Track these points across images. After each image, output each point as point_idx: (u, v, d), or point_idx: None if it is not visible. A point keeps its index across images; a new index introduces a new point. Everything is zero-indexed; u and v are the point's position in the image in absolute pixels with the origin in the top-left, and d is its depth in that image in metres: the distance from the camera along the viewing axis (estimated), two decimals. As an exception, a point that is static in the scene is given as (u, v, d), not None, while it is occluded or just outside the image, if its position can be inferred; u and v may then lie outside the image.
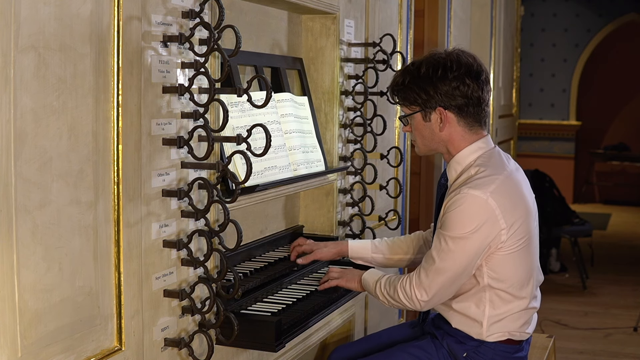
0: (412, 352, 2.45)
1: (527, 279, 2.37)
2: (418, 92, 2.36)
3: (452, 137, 2.38)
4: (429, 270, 2.30)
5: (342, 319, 3.07)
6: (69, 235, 1.64)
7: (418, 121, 2.41)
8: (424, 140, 2.44)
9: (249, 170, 1.91)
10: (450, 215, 2.27)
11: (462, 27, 5.35)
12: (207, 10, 2.04)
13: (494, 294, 2.35)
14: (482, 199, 2.23)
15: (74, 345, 1.67)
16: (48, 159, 1.58)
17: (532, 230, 2.37)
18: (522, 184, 2.38)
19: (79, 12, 1.64)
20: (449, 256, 2.27)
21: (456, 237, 2.25)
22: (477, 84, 2.34)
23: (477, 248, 2.26)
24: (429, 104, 2.36)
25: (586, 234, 7.20)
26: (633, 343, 5.37)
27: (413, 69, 2.38)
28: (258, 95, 2.46)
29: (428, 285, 2.30)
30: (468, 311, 2.38)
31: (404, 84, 2.39)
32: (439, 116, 2.36)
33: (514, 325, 2.38)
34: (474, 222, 2.24)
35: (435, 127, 2.38)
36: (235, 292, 2.01)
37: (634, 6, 10.73)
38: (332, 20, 2.93)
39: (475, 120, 2.37)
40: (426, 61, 2.37)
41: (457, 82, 2.32)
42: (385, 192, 3.28)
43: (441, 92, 2.33)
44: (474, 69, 2.34)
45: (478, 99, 2.35)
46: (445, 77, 2.32)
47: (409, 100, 2.40)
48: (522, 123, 10.04)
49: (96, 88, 1.70)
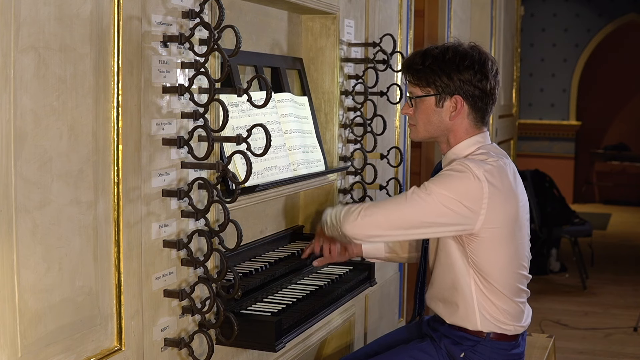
0: (413, 355, 2.45)
1: (512, 274, 2.38)
2: (440, 75, 2.35)
3: (457, 127, 2.39)
4: (385, 202, 2.33)
5: (342, 319, 3.07)
6: (69, 235, 1.64)
7: (428, 105, 2.40)
8: (427, 125, 2.42)
9: (249, 170, 1.91)
10: (445, 174, 2.29)
11: (462, 27, 5.35)
12: (207, 10, 2.04)
13: (478, 280, 2.35)
14: (478, 178, 2.25)
15: (74, 345, 1.67)
16: (48, 159, 1.58)
17: (519, 222, 2.37)
18: (516, 175, 2.41)
19: (79, 12, 1.64)
20: (415, 202, 2.27)
21: (440, 190, 2.25)
22: (495, 81, 2.38)
23: (444, 217, 2.26)
24: (448, 90, 2.35)
25: (586, 234, 7.20)
26: (633, 343, 5.37)
27: (437, 52, 2.37)
28: (258, 95, 2.46)
29: (372, 214, 2.30)
30: (456, 299, 2.38)
31: (424, 64, 2.37)
32: (453, 104, 2.37)
33: (506, 316, 2.39)
34: (461, 193, 2.25)
35: (445, 114, 2.38)
36: (235, 292, 2.02)
37: (634, 6, 10.74)
38: (332, 20, 2.93)
39: (483, 115, 2.40)
40: (452, 48, 2.37)
41: (480, 75, 2.34)
42: (385, 192, 3.28)
43: (463, 80, 2.34)
44: (495, 66, 2.39)
45: (492, 96, 2.39)
46: (471, 67, 2.34)
47: (426, 81, 2.38)
48: (522, 123, 10.05)
49: (96, 88, 1.70)
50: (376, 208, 2.32)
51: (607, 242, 8.69)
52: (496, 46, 6.05)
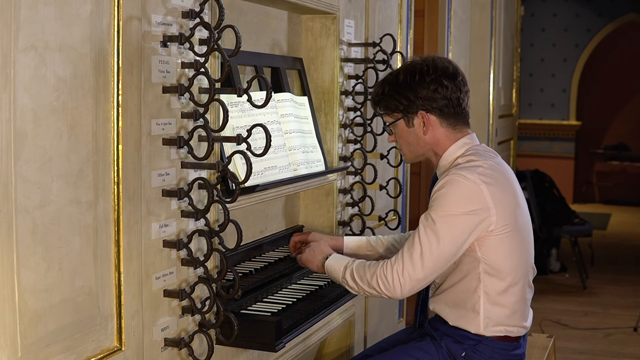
0: (413, 354, 2.45)
1: (520, 268, 2.38)
2: (399, 98, 2.41)
3: (437, 138, 2.42)
4: (413, 254, 2.27)
5: (342, 319, 3.07)
6: (69, 235, 1.64)
7: (401, 128, 2.45)
8: (409, 146, 2.47)
9: (249, 170, 1.91)
10: (440, 194, 2.29)
11: (462, 27, 5.35)
12: (207, 10, 2.04)
13: (487, 282, 2.35)
14: (473, 181, 2.27)
15: (74, 345, 1.67)
16: (48, 159, 1.58)
17: (521, 220, 2.38)
18: (510, 174, 2.42)
19: (79, 12, 1.64)
20: (434, 238, 2.26)
21: (444, 215, 2.26)
22: (454, 85, 2.40)
23: (464, 229, 2.26)
24: (411, 109, 2.40)
25: (586, 234, 7.20)
26: (633, 343, 5.37)
27: (391, 78, 2.45)
28: (258, 95, 2.46)
29: (411, 272, 2.27)
30: (464, 303, 2.38)
31: (384, 93, 2.45)
32: (421, 120, 2.41)
33: (510, 319, 2.39)
34: (463, 202, 2.26)
35: (419, 131, 2.42)
36: (235, 292, 2.02)
37: (634, 6, 10.74)
38: (332, 20, 2.93)
39: (458, 120, 2.42)
40: (403, 69, 2.44)
41: (435, 84, 2.37)
42: (385, 192, 3.28)
43: (421, 96, 2.38)
44: (449, 71, 2.41)
45: (457, 99, 2.40)
46: (423, 80, 2.38)
47: (391, 109, 2.45)
48: (522, 123, 10.05)
49: (96, 88, 1.70)
50: (408, 266, 2.27)
51: (607, 242, 8.69)
52: (496, 46, 6.05)
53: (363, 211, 3.21)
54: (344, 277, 2.39)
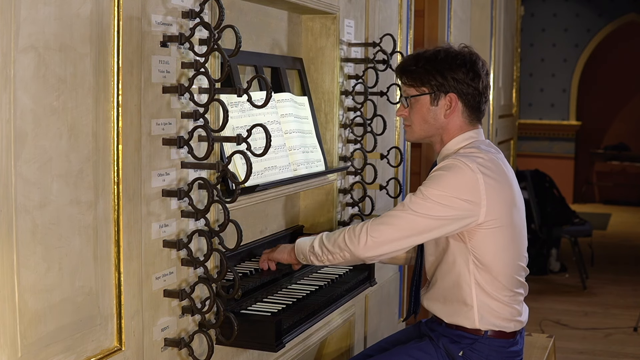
0: (412, 354, 2.46)
1: (511, 265, 2.39)
2: (434, 74, 2.41)
3: (451, 125, 2.44)
4: (388, 217, 2.31)
5: (342, 319, 3.07)
6: (69, 235, 1.64)
7: (423, 104, 2.45)
8: (423, 124, 2.47)
9: (249, 170, 1.91)
10: (437, 174, 2.31)
11: (462, 27, 5.35)
12: (207, 10, 2.04)
13: (478, 275, 2.36)
14: (471, 170, 2.29)
15: (74, 345, 1.67)
16: (48, 159, 1.58)
17: (517, 218, 2.40)
18: (510, 172, 2.44)
19: (79, 12, 1.64)
20: (415, 208, 2.28)
21: (434, 193, 2.27)
22: (486, 80, 2.46)
23: (448, 212, 2.27)
24: (442, 88, 2.41)
25: (586, 234, 7.21)
26: (633, 343, 5.38)
27: (429, 54, 2.45)
28: (258, 95, 2.46)
29: (378, 232, 2.30)
30: (456, 296, 2.39)
31: (418, 65, 2.45)
32: (448, 102, 2.42)
33: (504, 312, 2.39)
34: (458, 187, 2.27)
35: (440, 112, 2.43)
36: (235, 292, 2.02)
37: (634, 6, 10.74)
38: (332, 20, 2.93)
39: (477, 113, 2.46)
40: (444, 50, 2.45)
41: (473, 74, 2.41)
42: (385, 192, 3.28)
43: (457, 79, 2.40)
44: (485, 66, 2.46)
45: (485, 94, 2.45)
46: (463, 66, 2.41)
47: (421, 81, 2.44)
48: (522, 123, 10.05)
49: (96, 88, 1.70)
50: (381, 225, 2.31)
51: (607, 242, 8.69)
52: (496, 46, 6.05)
53: (363, 211, 3.21)
54: (312, 245, 2.41)
